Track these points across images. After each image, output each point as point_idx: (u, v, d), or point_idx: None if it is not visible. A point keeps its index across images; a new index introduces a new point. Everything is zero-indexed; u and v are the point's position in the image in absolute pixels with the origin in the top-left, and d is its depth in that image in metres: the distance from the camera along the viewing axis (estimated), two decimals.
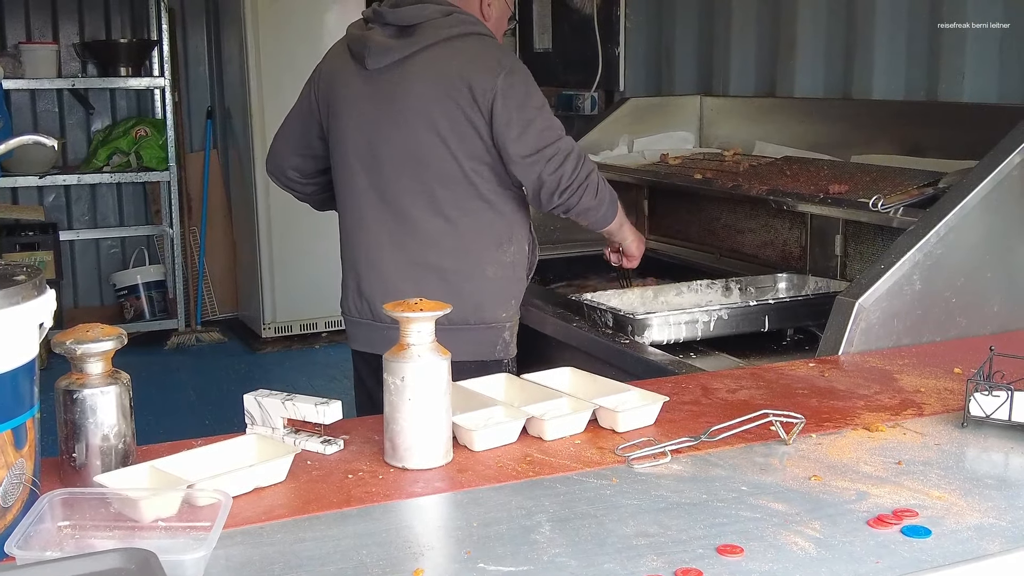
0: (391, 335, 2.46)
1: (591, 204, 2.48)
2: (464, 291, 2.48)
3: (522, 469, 1.50)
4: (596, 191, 2.47)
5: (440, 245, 2.50)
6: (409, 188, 2.49)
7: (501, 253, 2.54)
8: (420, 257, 2.50)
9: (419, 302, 1.51)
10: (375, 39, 2.49)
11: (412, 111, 2.45)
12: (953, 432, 1.65)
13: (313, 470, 1.50)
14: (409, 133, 2.46)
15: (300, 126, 2.68)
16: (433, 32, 2.45)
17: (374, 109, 2.50)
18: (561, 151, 2.41)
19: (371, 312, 2.57)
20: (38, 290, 1.24)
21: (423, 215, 2.49)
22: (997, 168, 2.22)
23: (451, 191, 2.47)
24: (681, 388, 1.88)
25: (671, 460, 1.52)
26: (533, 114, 2.41)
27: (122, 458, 1.44)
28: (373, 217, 2.54)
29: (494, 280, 2.52)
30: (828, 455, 1.55)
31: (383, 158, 2.51)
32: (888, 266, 2.12)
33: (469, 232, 2.50)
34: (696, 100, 3.70)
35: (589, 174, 2.45)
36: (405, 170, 2.49)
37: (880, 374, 1.96)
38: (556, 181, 2.40)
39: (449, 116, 2.42)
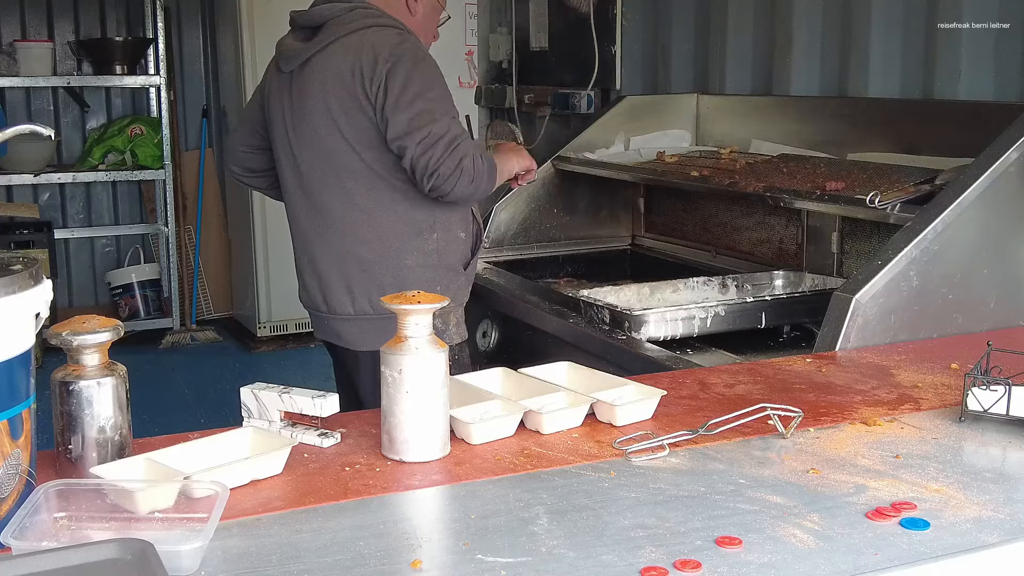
0: (334, 325, 2.65)
1: (467, 192, 2.46)
2: (385, 280, 2.57)
3: (520, 462, 1.49)
4: (471, 178, 2.44)
5: (359, 236, 2.57)
6: (325, 183, 2.59)
7: (422, 241, 2.59)
8: (343, 248, 2.60)
9: (417, 295, 1.51)
10: (286, 43, 2.65)
11: (314, 108, 2.55)
12: (951, 427, 1.65)
13: (310, 463, 1.49)
14: (314, 130, 2.57)
15: (247, 126, 2.83)
16: (334, 29, 2.55)
17: (289, 111, 2.62)
18: (433, 135, 2.41)
19: (313, 303, 2.71)
20: (35, 280, 1.24)
21: (341, 208, 2.58)
22: (993, 165, 2.22)
23: (360, 183, 2.55)
24: (678, 383, 1.88)
25: (669, 454, 1.52)
26: (411, 97, 2.44)
27: (118, 450, 1.44)
28: (302, 213, 2.66)
29: (415, 268, 2.58)
30: (826, 449, 1.54)
31: (300, 156, 2.62)
32: (885, 262, 2.12)
33: (385, 222, 2.57)
34: (692, 98, 3.70)
35: (461, 160, 2.42)
36: (319, 166, 2.59)
37: (877, 370, 1.96)
38: (425, 165, 2.41)
39: (345, 110, 2.51)
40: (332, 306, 2.64)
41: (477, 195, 2.51)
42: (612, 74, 4.29)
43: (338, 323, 2.66)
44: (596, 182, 3.54)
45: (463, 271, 2.68)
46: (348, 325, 2.63)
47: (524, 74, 5.05)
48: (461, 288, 2.68)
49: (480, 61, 5.48)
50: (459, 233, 2.65)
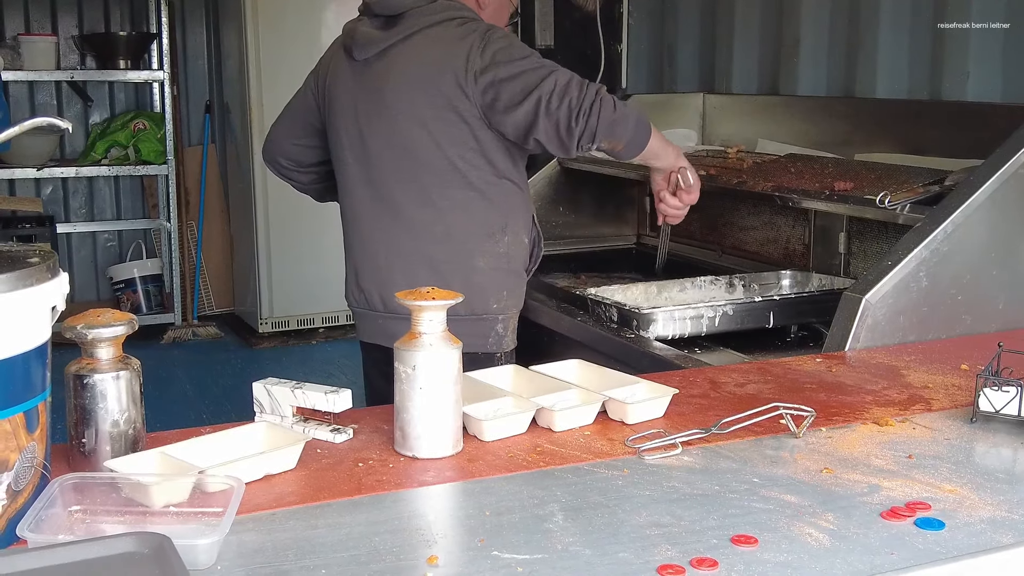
0: (388, 325, 2.55)
1: (613, 118, 2.30)
2: (454, 281, 2.43)
3: (532, 459, 1.49)
4: (614, 105, 2.31)
5: (430, 235, 2.48)
6: (398, 178, 2.49)
7: (493, 244, 2.50)
8: (411, 247, 2.49)
9: (431, 291, 1.51)
10: (362, 30, 2.51)
11: (395, 100, 2.45)
12: (962, 427, 1.65)
13: (323, 458, 1.49)
14: (393, 123, 2.46)
15: (297, 116, 2.70)
16: (416, 20, 2.45)
17: (362, 100, 2.51)
18: (559, 82, 2.30)
19: (367, 302, 2.58)
20: (51, 272, 1.24)
21: (412, 205, 2.48)
22: (1004, 166, 2.22)
23: (438, 180, 2.45)
24: (689, 381, 1.87)
25: (681, 452, 1.52)
26: (517, 66, 2.33)
27: (131, 444, 1.43)
28: (366, 208, 2.54)
29: (485, 271, 2.49)
30: (838, 448, 1.54)
31: (372, 149, 2.51)
32: (895, 263, 2.12)
33: (459, 222, 2.47)
34: (699, 98, 3.70)
35: (598, 91, 2.32)
36: (393, 160, 2.48)
37: (887, 370, 1.96)
38: (568, 110, 2.28)
39: (432, 103, 2.41)
40: (391, 306, 2.51)
41: (626, 126, 2.34)
42: (618, 73, 4.30)
43: (397, 323, 2.43)
44: (601, 180, 3.54)
45: (525, 276, 2.60)
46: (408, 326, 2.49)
47: None
48: (522, 294, 2.59)
49: None
50: (524, 238, 2.56)
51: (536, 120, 2.31)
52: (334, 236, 2.65)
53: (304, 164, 2.74)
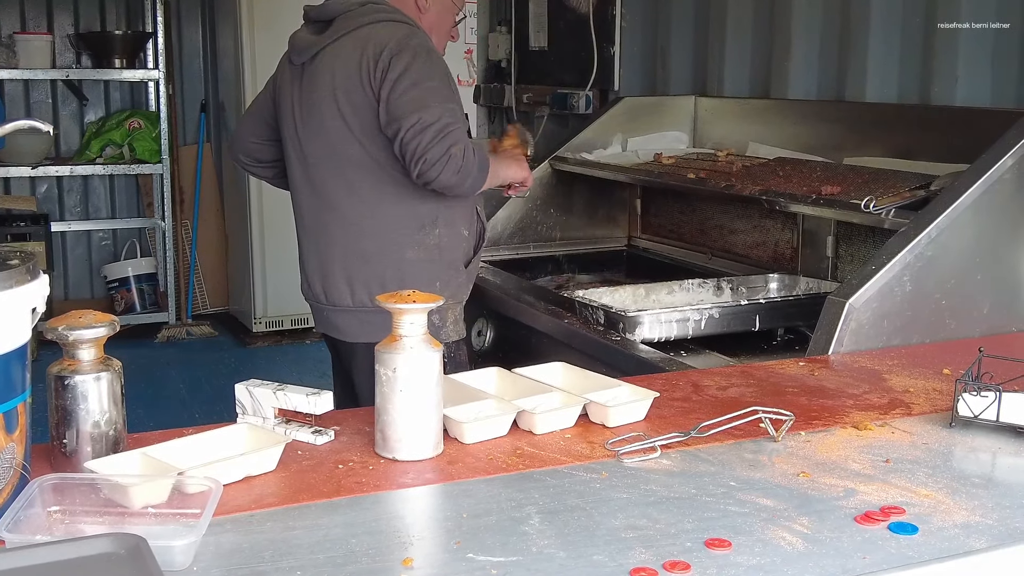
0: (332, 316, 2.67)
1: (452, 181, 2.43)
2: (385, 273, 2.58)
3: (512, 462, 1.50)
4: (459, 167, 2.42)
5: (361, 228, 2.59)
6: (330, 175, 2.61)
7: (424, 235, 2.60)
8: (345, 241, 2.61)
9: (412, 294, 1.51)
10: (298, 36, 2.68)
11: (321, 99, 2.58)
12: (941, 432, 1.66)
13: (304, 460, 1.50)
14: (321, 121, 2.59)
15: (257, 116, 2.86)
16: (345, 23, 2.58)
17: (298, 102, 2.65)
18: (423, 121, 2.40)
19: (313, 294, 2.73)
20: (31, 275, 1.25)
21: (345, 200, 2.60)
22: (988, 171, 2.23)
23: (365, 175, 2.57)
24: (672, 385, 1.88)
25: (660, 455, 1.52)
26: (407, 85, 2.45)
27: (112, 445, 1.44)
28: (308, 204, 2.68)
29: (415, 262, 2.59)
30: (817, 452, 1.55)
31: (307, 148, 2.65)
32: (879, 267, 2.13)
33: (388, 215, 2.58)
34: (691, 100, 3.71)
35: (449, 148, 2.40)
36: (324, 158, 2.61)
37: (869, 374, 1.97)
38: (413, 150, 2.41)
39: (351, 101, 2.53)
40: (332, 298, 2.66)
41: (465, 187, 2.49)
42: (611, 75, 4.29)
43: (337, 315, 2.67)
44: (593, 183, 3.55)
45: (464, 268, 2.68)
46: (347, 317, 2.64)
47: (523, 73, 5.05)
48: (461, 285, 2.68)
49: (479, 60, 5.48)
50: (462, 230, 2.66)
51: (393, 142, 2.46)
52: None
53: (263, 160, 2.89)
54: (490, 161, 2.57)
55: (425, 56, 2.52)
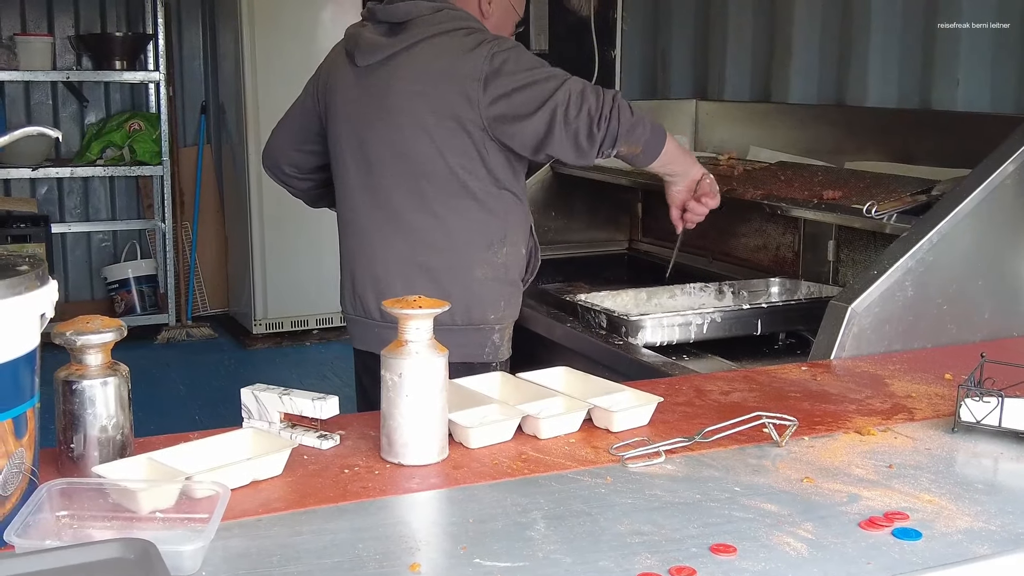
0: (384, 333, 2.49)
1: (631, 121, 2.32)
2: (452, 290, 2.43)
3: (517, 467, 1.51)
4: (631, 110, 2.34)
5: (429, 243, 2.47)
6: (398, 185, 2.48)
7: (492, 254, 2.49)
8: (409, 255, 2.48)
9: (417, 299, 1.52)
10: (365, 36, 2.50)
11: (398, 107, 2.44)
12: (943, 437, 1.66)
13: (310, 464, 1.50)
14: (395, 129, 2.45)
15: (299, 122, 2.69)
16: (421, 28, 2.44)
17: (364, 106, 2.50)
18: (574, 91, 2.31)
19: (364, 310, 2.57)
20: (40, 280, 1.25)
21: (412, 212, 2.47)
22: (990, 177, 2.23)
23: (438, 188, 2.44)
24: (675, 389, 1.89)
25: (665, 460, 1.53)
26: (530, 76, 2.33)
27: (119, 449, 1.45)
28: (365, 214, 2.54)
29: (483, 281, 2.49)
30: (820, 458, 1.56)
31: (372, 155, 2.50)
32: (881, 272, 2.14)
33: (458, 230, 2.46)
34: (691, 104, 3.72)
35: (615, 96, 2.33)
36: (393, 167, 2.48)
37: (871, 379, 1.97)
38: (587, 118, 2.29)
39: (435, 111, 2.40)
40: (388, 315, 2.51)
41: (643, 132, 2.36)
42: (612, 78, 4.32)
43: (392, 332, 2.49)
44: (594, 186, 3.56)
45: (522, 286, 2.61)
46: None
47: None
48: (519, 304, 2.60)
49: None
50: (522, 249, 2.57)
51: (551, 130, 2.31)
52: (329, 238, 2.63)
53: (305, 170, 2.74)
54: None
55: (524, 50, 2.43)
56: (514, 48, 2.40)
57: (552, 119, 2.30)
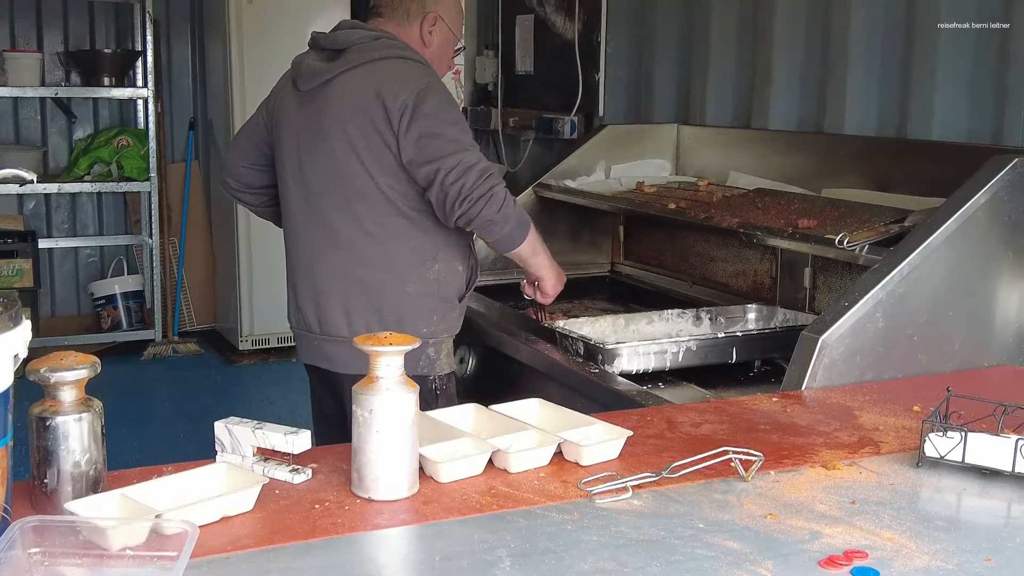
0: (325, 346, 2.66)
1: (492, 216, 2.46)
2: (384, 306, 2.59)
3: (486, 502, 1.53)
4: (500, 206, 2.46)
5: (363, 259, 2.59)
6: (333, 203, 2.60)
7: (425, 270, 2.61)
8: (346, 270, 2.60)
9: (388, 336, 1.54)
10: (307, 63, 2.66)
11: (331, 128, 2.57)
12: (908, 472, 1.69)
13: (281, 499, 1.52)
14: (328, 150, 2.58)
15: (249, 140, 2.84)
16: (358, 55, 2.58)
17: (303, 128, 2.64)
18: (465, 162, 2.44)
19: (305, 324, 2.70)
20: (14, 321, 1.27)
21: (347, 229, 2.59)
22: (961, 209, 2.26)
23: (369, 207, 2.57)
24: (646, 421, 1.91)
25: (632, 496, 1.55)
26: (440, 128, 2.48)
27: (92, 484, 1.47)
28: (305, 231, 2.67)
29: (415, 296, 2.60)
30: (785, 493, 1.58)
31: (310, 175, 2.63)
32: (852, 303, 2.17)
33: (391, 247, 2.59)
34: (673, 128, 3.75)
35: (493, 187, 2.45)
36: (328, 186, 2.60)
37: (841, 411, 2.00)
38: (458, 190, 2.42)
39: (364, 132, 2.53)
40: (326, 328, 2.64)
41: (502, 229, 2.50)
42: (595, 101, 4.35)
43: (330, 345, 2.65)
44: (577, 209, 3.59)
45: (458, 303, 2.68)
46: (342, 348, 2.62)
47: (509, 97, 5.11)
48: (455, 320, 2.69)
49: (466, 82, 5.53)
50: (458, 266, 2.66)
51: (430, 185, 2.47)
52: None
53: (253, 186, 2.88)
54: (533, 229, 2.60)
55: (449, 99, 2.57)
56: (441, 95, 2.53)
57: (434, 177, 2.45)
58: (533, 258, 2.67)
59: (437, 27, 2.72)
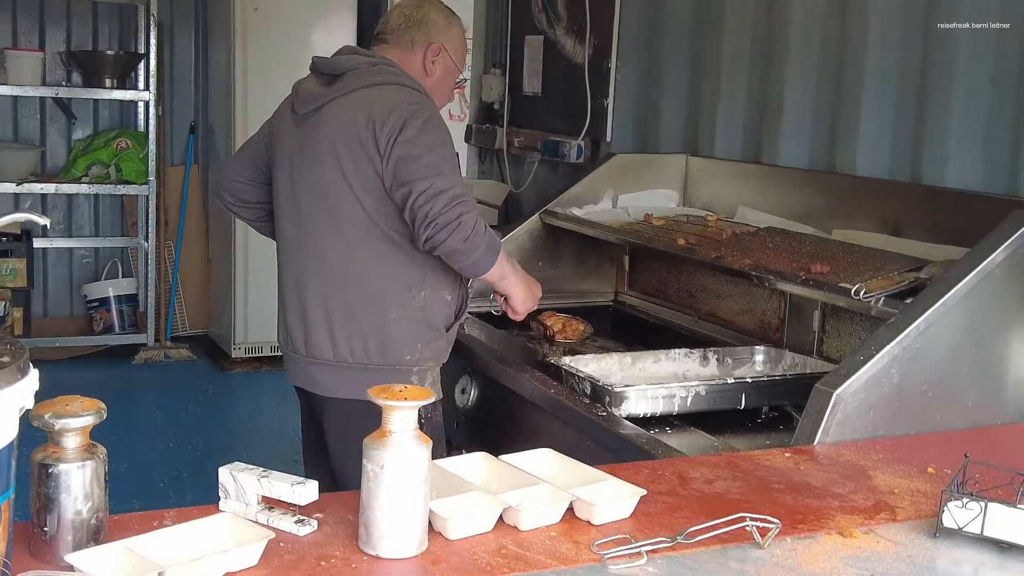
0: (309, 369, 2.66)
1: (458, 246, 2.44)
2: (367, 330, 2.60)
3: (496, 563, 1.49)
4: (467, 235, 2.43)
5: (348, 283, 2.60)
6: (322, 227, 2.62)
7: (410, 297, 2.61)
8: (331, 293, 2.62)
9: (404, 389, 1.50)
10: (305, 86, 2.69)
11: (322, 151, 2.59)
12: (926, 542, 1.66)
13: (285, 554, 1.48)
14: (318, 172, 2.60)
15: (248, 156, 2.87)
16: (354, 80, 2.60)
17: (296, 151, 2.66)
18: (436, 187, 2.43)
19: (292, 344, 2.70)
20: (21, 372, 1.23)
21: (334, 253, 2.61)
22: (980, 264, 2.23)
23: (356, 231, 2.58)
24: (657, 475, 1.88)
25: (646, 562, 1.51)
26: (421, 150, 2.48)
27: (94, 533, 1.43)
28: (295, 252, 2.69)
29: (398, 322, 2.61)
30: (802, 563, 1.55)
31: (301, 197, 2.65)
32: (867, 358, 2.13)
33: (376, 272, 2.59)
34: (681, 159, 3.72)
35: (461, 215, 2.42)
36: (318, 208, 2.62)
37: (854, 469, 1.96)
38: (425, 214, 2.42)
39: (353, 157, 2.54)
40: (312, 350, 2.66)
41: (471, 259, 2.49)
42: (603, 126, 4.31)
43: (314, 367, 2.67)
44: (582, 238, 3.55)
45: (445, 332, 2.69)
46: (325, 371, 2.64)
47: (515, 117, 5.07)
48: (442, 349, 2.70)
49: (472, 100, 5.50)
50: (446, 295, 2.67)
51: (404, 207, 2.47)
52: None
53: (248, 202, 2.89)
54: (503, 253, 2.57)
55: (437, 124, 2.56)
56: (427, 120, 2.53)
57: (405, 200, 2.46)
58: (501, 281, 2.68)
59: (440, 57, 2.74)
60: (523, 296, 2.75)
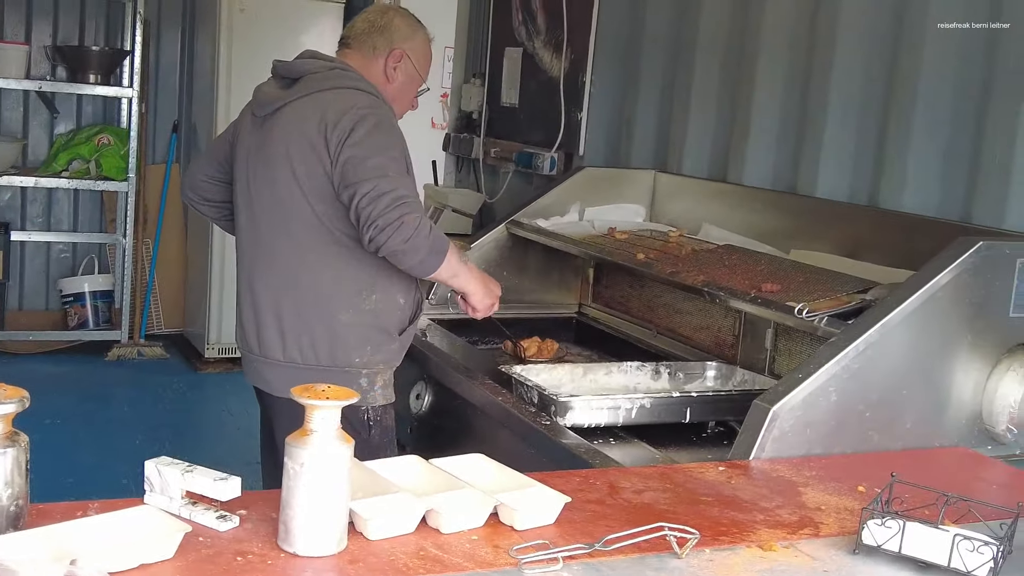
0: (261, 368, 2.69)
1: (400, 247, 2.42)
2: (317, 332, 2.62)
3: (414, 565, 1.50)
4: (409, 236, 2.41)
5: (299, 284, 2.63)
6: (275, 228, 2.65)
7: (361, 300, 2.63)
8: (282, 293, 2.64)
9: (327, 389, 1.52)
10: (264, 90, 2.72)
11: (275, 154, 2.62)
12: (844, 558, 1.67)
13: (203, 548, 1.49)
14: (271, 175, 2.63)
15: (213, 156, 2.91)
16: (310, 84, 2.63)
17: (253, 152, 2.69)
18: (379, 189, 2.42)
19: (247, 343, 2.74)
20: None
21: (286, 254, 2.64)
22: (923, 288, 2.25)
23: (308, 233, 2.60)
24: (588, 484, 1.89)
25: (562, 567, 1.53)
26: (366, 153, 2.49)
27: (13, 520, 1.44)
28: (250, 253, 2.73)
29: (349, 325, 2.62)
30: (717, 574, 1.56)
31: (255, 198, 2.68)
32: (806, 376, 2.15)
33: (327, 275, 2.61)
34: (650, 175, 3.75)
35: (403, 216, 2.41)
36: (271, 211, 2.65)
37: (786, 485, 1.98)
38: (368, 215, 2.42)
39: (304, 159, 2.56)
40: (264, 350, 2.68)
41: (411, 258, 2.47)
42: (576, 139, 4.34)
43: (266, 367, 2.69)
44: (548, 248, 3.57)
45: (397, 336, 2.70)
46: (275, 370, 2.65)
47: (492, 127, 5.10)
48: (394, 353, 2.71)
49: (451, 108, 5.52)
50: (398, 298, 2.68)
51: (349, 208, 2.48)
52: None
53: (210, 200, 2.93)
54: (453, 252, 2.56)
55: (388, 128, 2.57)
56: (376, 123, 2.54)
57: (350, 201, 2.46)
58: (453, 280, 2.66)
59: (402, 64, 2.76)
60: (480, 294, 2.75)
